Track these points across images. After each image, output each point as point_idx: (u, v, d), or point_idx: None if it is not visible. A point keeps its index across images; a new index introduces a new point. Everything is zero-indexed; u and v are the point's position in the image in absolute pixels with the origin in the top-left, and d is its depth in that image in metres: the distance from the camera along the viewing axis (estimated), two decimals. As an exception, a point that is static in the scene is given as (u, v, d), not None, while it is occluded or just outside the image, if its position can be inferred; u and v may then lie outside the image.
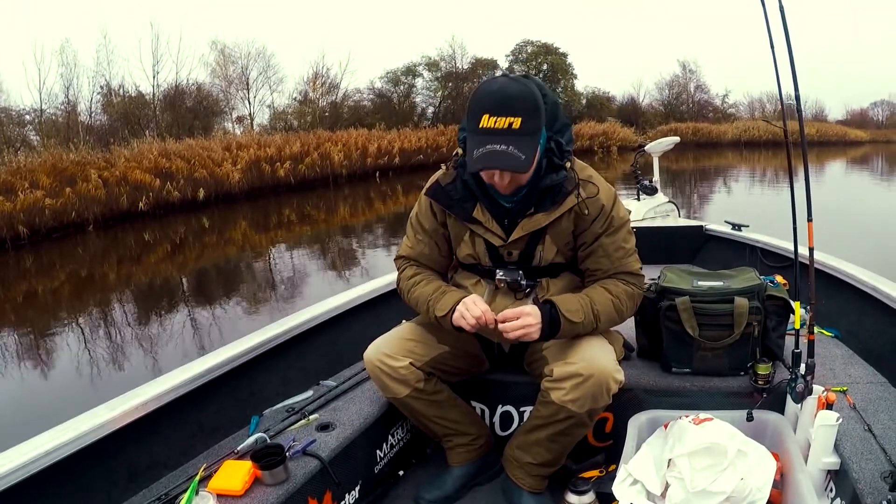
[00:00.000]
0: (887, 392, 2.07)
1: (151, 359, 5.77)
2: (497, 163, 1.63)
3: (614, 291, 1.87)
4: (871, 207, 14.23)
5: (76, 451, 1.62)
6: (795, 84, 1.79)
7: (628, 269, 1.91)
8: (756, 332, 2.08)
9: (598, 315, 1.82)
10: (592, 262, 1.91)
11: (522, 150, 1.63)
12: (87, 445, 1.65)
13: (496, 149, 1.62)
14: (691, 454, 1.67)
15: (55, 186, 13.26)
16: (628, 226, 1.93)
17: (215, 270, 10.13)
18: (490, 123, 1.62)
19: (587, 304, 1.81)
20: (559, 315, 1.76)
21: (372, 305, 2.81)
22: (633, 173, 5.05)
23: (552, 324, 1.78)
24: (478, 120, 1.64)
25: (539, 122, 1.70)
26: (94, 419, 1.69)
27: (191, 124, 26.57)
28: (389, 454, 2.22)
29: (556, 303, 1.78)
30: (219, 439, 2.00)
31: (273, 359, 2.29)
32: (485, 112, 1.63)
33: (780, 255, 3.35)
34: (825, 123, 45.86)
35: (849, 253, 3.07)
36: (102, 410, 1.74)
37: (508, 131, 1.62)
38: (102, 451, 1.70)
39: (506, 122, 1.61)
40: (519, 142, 1.63)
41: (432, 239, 2.03)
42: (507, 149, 1.62)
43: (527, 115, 1.63)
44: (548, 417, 1.86)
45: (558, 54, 42.08)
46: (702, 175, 23.02)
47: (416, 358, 1.97)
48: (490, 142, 1.62)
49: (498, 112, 1.62)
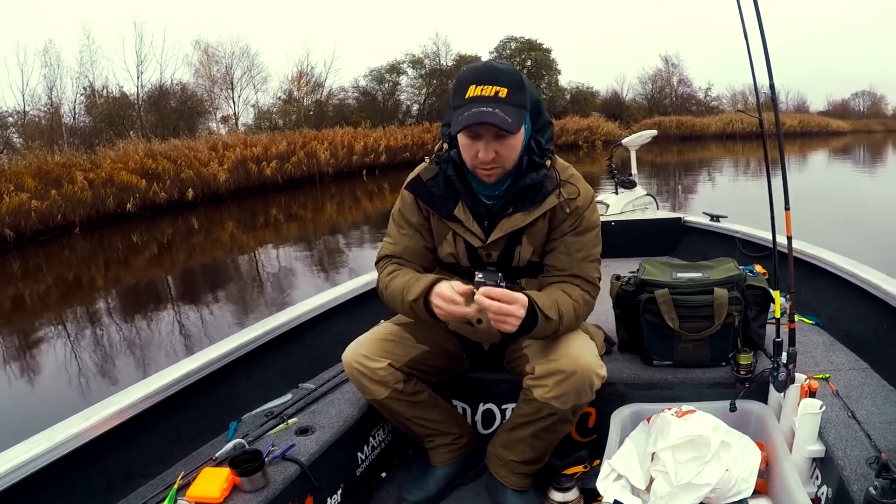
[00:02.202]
0: (869, 378, 2.07)
1: (139, 363, 5.71)
2: (484, 118, 1.60)
3: (574, 295, 1.81)
4: (855, 195, 14.37)
5: (51, 462, 1.58)
6: (770, 75, 1.78)
7: (585, 275, 1.85)
8: (736, 322, 2.07)
9: (562, 317, 1.75)
10: (551, 258, 1.87)
11: (509, 115, 1.61)
12: (62, 456, 1.61)
13: (483, 109, 1.60)
14: (675, 447, 1.67)
15: (40, 189, 13.17)
16: (597, 232, 1.89)
17: (203, 272, 10.07)
18: (477, 92, 1.62)
19: (554, 303, 1.75)
20: (537, 311, 1.71)
21: (350, 306, 2.79)
22: (608, 167, 5.03)
23: (531, 319, 1.71)
24: (464, 92, 1.63)
25: (524, 99, 1.68)
26: (69, 429, 1.65)
27: (175, 125, 26.59)
28: (371, 456, 2.19)
29: (533, 298, 1.71)
30: (197, 446, 1.96)
31: (251, 362, 2.26)
32: (471, 83, 1.63)
33: (759, 245, 3.36)
34: (807, 115, 46.36)
35: (836, 241, 3.08)
36: (78, 419, 1.70)
37: (495, 98, 1.61)
38: (78, 462, 1.66)
39: (492, 90, 1.61)
40: (506, 108, 1.61)
41: (418, 231, 1.97)
42: (493, 110, 1.60)
43: (513, 88, 1.63)
44: (531, 415, 1.84)
45: (542, 50, 42.27)
46: (686, 167, 23.12)
47: (395, 359, 1.95)
48: (477, 106, 1.61)
49: (485, 81, 1.62)
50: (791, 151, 27.76)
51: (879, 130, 46.47)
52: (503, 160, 1.72)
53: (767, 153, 1.96)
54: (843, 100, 54.85)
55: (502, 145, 1.68)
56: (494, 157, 1.69)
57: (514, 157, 1.74)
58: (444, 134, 1.84)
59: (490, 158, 1.69)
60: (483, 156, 1.68)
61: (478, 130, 1.66)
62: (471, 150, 1.71)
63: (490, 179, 1.77)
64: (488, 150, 1.67)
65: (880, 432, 1.70)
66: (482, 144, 1.67)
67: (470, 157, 1.73)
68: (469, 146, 1.71)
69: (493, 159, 1.69)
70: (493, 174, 1.75)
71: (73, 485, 1.66)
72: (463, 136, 1.70)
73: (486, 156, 1.68)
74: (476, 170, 1.76)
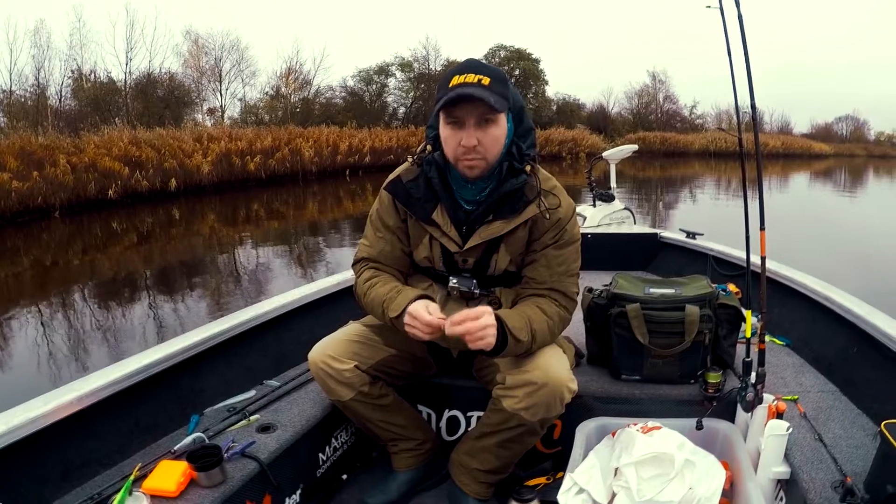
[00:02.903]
0: (838, 401, 2.08)
1: (111, 349, 5.65)
2: (468, 91, 1.60)
3: (549, 312, 1.80)
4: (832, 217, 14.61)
5: (6, 447, 1.55)
6: (752, 96, 1.79)
7: (564, 289, 1.84)
8: (707, 340, 2.07)
9: (535, 335, 1.74)
10: (531, 270, 1.86)
11: (493, 97, 1.62)
12: (17, 440, 1.57)
13: (467, 90, 1.61)
14: (638, 463, 1.66)
15: (22, 169, 13.00)
16: (578, 246, 1.88)
17: (180, 263, 9.96)
18: (461, 80, 1.63)
19: (527, 323, 1.73)
20: (507, 332, 1.68)
21: (320, 305, 2.76)
22: (587, 179, 5.03)
23: (501, 340, 1.69)
24: (448, 83, 1.65)
25: (507, 93, 1.68)
26: (26, 413, 1.61)
27: (161, 114, 26.45)
28: (333, 457, 2.17)
29: (503, 319, 1.69)
30: (157, 438, 1.92)
31: (216, 356, 2.22)
32: (455, 74, 1.65)
33: (733, 264, 3.36)
34: (790, 136, 46.99)
35: (812, 260, 3.11)
36: (37, 403, 1.66)
37: (479, 84, 1.62)
38: (34, 448, 1.63)
39: (476, 77, 1.63)
40: (489, 94, 1.61)
41: (395, 235, 1.95)
42: (476, 91, 1.61)
43: (496, 80, 1.65)
44: (498, 424, 1.83)
45: (531, 60, 42.50)
46: (668, 184, 23.32)
47: (362, 361, 1.92)
48: (461, 90, 1.62)
49: (469, 71, 1.64)
50: (773, 172, 28.13)
51: (861, 155, 47.24)
52: (486, 150, 1.70)
53: (745, 173, 1.97)
54: (827, 123, 55.66)
55: (485, 133, 1.67)
56: (477, 145, 1.68)
57: (497, 151, 1.73)
58: (429, 136, 1.82)
59: (472, 145, 1.67)
60: (465, 142, 1.67)
61: (460, 115, 1.66)
62: (454, 140, 1.70)
63: (472, 173, 1.74)
64: (470, 136, 1.66)
65: (847, 456, 1.71)
66: (465, 133, 1.66)
67: (453, 148, 1.71)
68: (452, 135, 1.69)
69: (476, 148, 1.68)
70: (475, 165, 1.72)
71: (28, 471, 1.62)
72: (446, 127, 1.70)
73: (468, 142, 1.67)
74: (458, 162, 1.73)
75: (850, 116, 55.43)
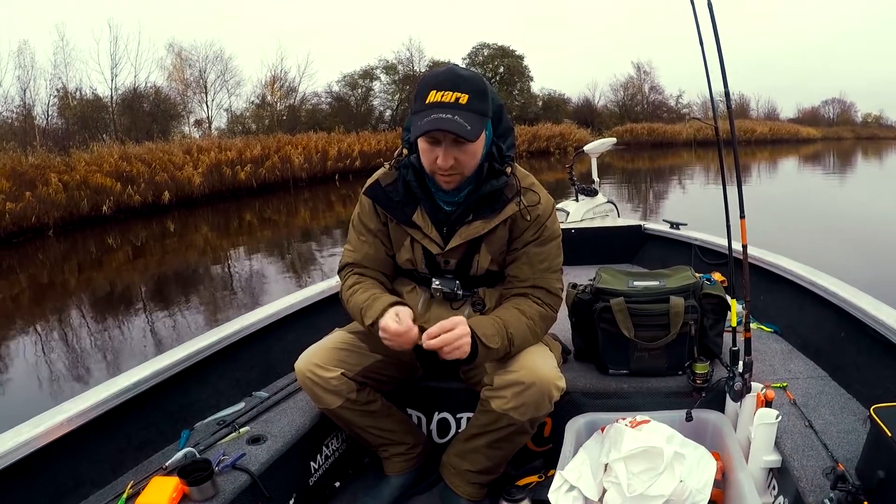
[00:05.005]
0: (827, 386, 2.08)
1: (110, 365, 5.62)
2: (443, 125, 1.57)
3: (528, 313, 1.79)
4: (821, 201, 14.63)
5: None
6: (725, 82, 1.79)
7: (547, 286, 1.84)
8: (693, 330, 2.07)
9: (513, 339, 1.74)
10: (513, 269, 1.86)
11: (469, 122, 1.59)
12: (9, 465, 1.57)
13: (442, 116, 1.58)
14: (627, 458, 1.66)
15: (14, 190, 12.92)
16: (559, 242, 1.88)
17: (176, 276, 9.92)
18: (437, 98, 1.59)
19: (501, 329, 1.72)
20: (477, 341, 1.68)
21: (305, 314, 2.75)
22: (568, 174, 5.02)
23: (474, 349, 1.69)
24: (425, 97, 1.61)
25: (486, 107, 1.66)
26: (17, 437, 1.61)
27: (149, 128, 26.44)
28: (325, 465, 2.16)
29: (473, 328, 1.67)
30: (148, 454, 1.92)
31: (204, 370, 2.21)
32: (432, 88, 1.61)
33: (718, 253, 3.37)
34: (778, 122, 47.08)
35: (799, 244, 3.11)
36: (27, 427, 1.66)
37: (455, 105, 1.59)
38: (26, 471, 1.62)
39: (453, 96, 1.59)
40: (466, 115, 1.59)
41: (377, 238, 1.94)
42: (453, 117, 1.58)
43: (474, 95, 1.61)
44: (487, 425, 1.82)
45: (514, 57, 42.56)
46: (656, 174, 23.33)
47: (349, 368, 1.91)
48: (436, 112, 1.59)
49: (445, 87, 1.60)
50: (762, 158, 28.16)
51: (849, 137, 47.43)
52: (462, 167, 1.69)
53: (723, 161, 1.97)
54: (814, 107, 55.89)
55: (462, 152, 1.66)
56: (453, 163, 1.67)
57: (474, 165, 1.72)
58: (405, 139, 1.81)
59: (449, 165, 1.66)
60: (441, 162, 1.65)
61: (437, 136, 1.64)
62: (430, 156, 1.68)
63: (449, 186, 1.75)
64: (447, 156, 1.65)
65: (837, 442, 1.70)
66: (441, 151, 1.65)
67: (429, 163, 1.71)
68: (428, 151, 1.68)
69: (452, 166, 1.67)
70: (451, 181, 1.73)
71: (20, 495, 1.62)
72: (422, 142, 1.68)
73: (444, 163, 1.65)
74: (435, 175, 1.73)
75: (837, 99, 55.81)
